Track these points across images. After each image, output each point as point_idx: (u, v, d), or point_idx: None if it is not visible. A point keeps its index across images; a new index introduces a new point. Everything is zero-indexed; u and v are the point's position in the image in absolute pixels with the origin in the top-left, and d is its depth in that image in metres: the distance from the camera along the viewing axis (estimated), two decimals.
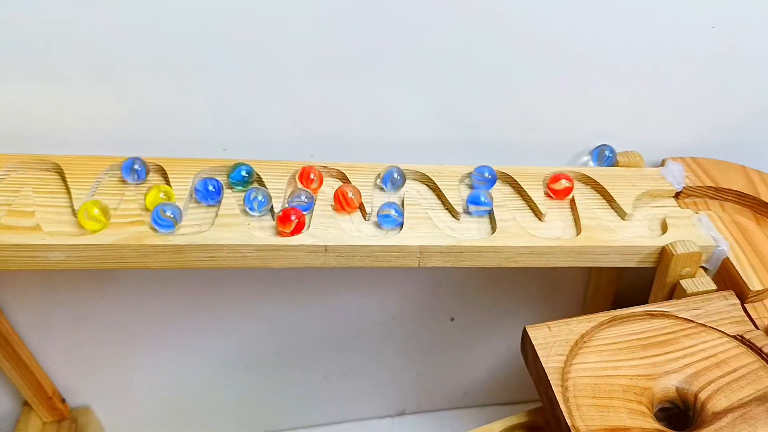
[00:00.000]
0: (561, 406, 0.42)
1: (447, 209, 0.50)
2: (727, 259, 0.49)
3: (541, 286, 0.67)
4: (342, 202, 0.48)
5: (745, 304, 0.47)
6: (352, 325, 0.67)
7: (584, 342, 0.46)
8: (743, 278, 0.47)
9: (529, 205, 0.51)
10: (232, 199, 0.47)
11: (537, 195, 0.51)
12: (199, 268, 0.44)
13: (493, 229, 0.48)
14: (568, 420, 0.41)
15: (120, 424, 0.71)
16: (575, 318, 0.46)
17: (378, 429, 0.75)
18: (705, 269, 0.50)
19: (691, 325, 0.46)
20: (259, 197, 0.46)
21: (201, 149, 0.51)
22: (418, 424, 0.76)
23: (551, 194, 0.52)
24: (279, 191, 0.48)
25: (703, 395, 0.43)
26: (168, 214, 0.44)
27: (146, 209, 0.46)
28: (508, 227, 0.48)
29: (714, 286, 0.48)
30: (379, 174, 0.50)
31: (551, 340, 0.45)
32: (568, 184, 0.51)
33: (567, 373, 0.44)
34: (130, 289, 0.61)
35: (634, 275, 0.58)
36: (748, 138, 0.57)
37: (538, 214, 0.50)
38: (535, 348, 0.45)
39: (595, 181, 0.53)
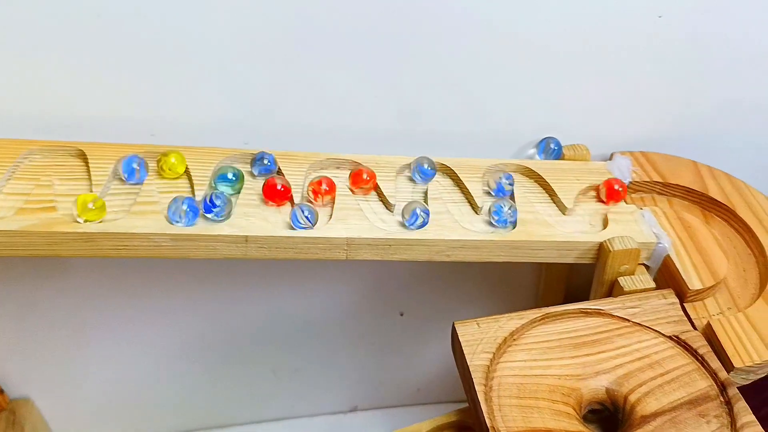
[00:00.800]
0: (482, 406, 0.40)
1: (381, 201, 0.48)
2: (669, 256, 0.47)
3: (492, 281, 0.65)
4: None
5: (684, 304, 0.46)
6: (299, 320, 0.65)
7: (514, 340, 0.44)
8: (683, 277, 0.46)
9: (466, 198, 0.49)
10: (152, 185, 0.45)
11: (475, 188, 0.50)
12: (113, 257, 0.43)
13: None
14: (487, 420, 0.39)
15: (63, 417, 0.69)
16: (506, 315, 0.45)
17: (330, 425, 0.74)
18: (647, 267, 0.49)
19: (626, 324, 0.45)
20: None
21: (128, 134, 0.49)
22: (371, 421, 0.75)
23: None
24: (204, 179, 0.46)
25: (633, 397, 0.41)
26: (184, 207, 0.43)
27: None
28: (441, 220, 0.47)
29: (652, 284, 0.46)
30: (312, 164, 0.49)
31: (479, 337, 0.44)
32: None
33: (493, 372, 0.42)
34: (77, 278, 0.59)
35: (586, 271, 0.56)
36: (700, 132, 0.55)
37: (475, 208, 0.48)
38: (462, 345, 0.43)
39: (538, 175, 0.51)
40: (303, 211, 0.44)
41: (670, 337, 0.44)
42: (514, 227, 0.47)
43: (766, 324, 0.44)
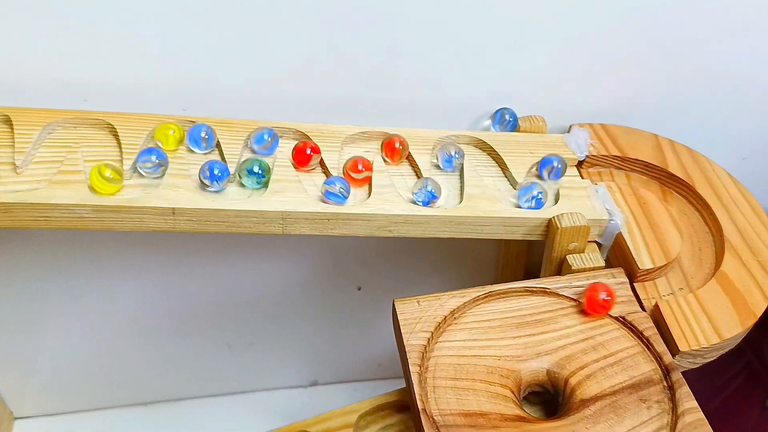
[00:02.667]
0: (414, 388, 0.39)
1: (324, 173, 0.46)
2: (621, 234, 0.45)
3: (452, 256, 0.63)
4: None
5: (634, 283, 0.44)
6: (254, 294, 0.63)
7: (454, 319, 0.42)
8: (633, 255, 0.44)
9: (414, 171, 0.47)
10: (77, 153, 0.43)
11: (424, 160, 0.47)
12: (33, 227, 0.40)
13: (369, 194, 0.45)
14: (419, 403, 0.38)
15: (16, 391, 0.68)
16: (448, 293, 0.43)
17: (290, 399, 0.73)
18: (599, 245, 0.47)
19: (572, 303, 0.43)
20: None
21: (59, 99, 0.46)
22: (332, 395, 0.73)
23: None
24: (134, 147, 0.44)
25: (573, 380, 0.40)
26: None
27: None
28: (385, 194, 0.45)
29: (602, 263, 0.44)
30: (249, 135, 0.46)
31: (418, 315, 0.42)
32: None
33: (430, 352, 0.41)
34: (30, 251, 0.57)
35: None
36: (662, 104, 0.53)
37: None
38: (399, 324, 0.41)
39: (491, 147, 0.49)
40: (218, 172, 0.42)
41: (616, 318, 0.42)
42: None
43: (716, 306, 0.42)
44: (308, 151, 0.45)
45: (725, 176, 0.49)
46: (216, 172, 0.42)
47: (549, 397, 0.42)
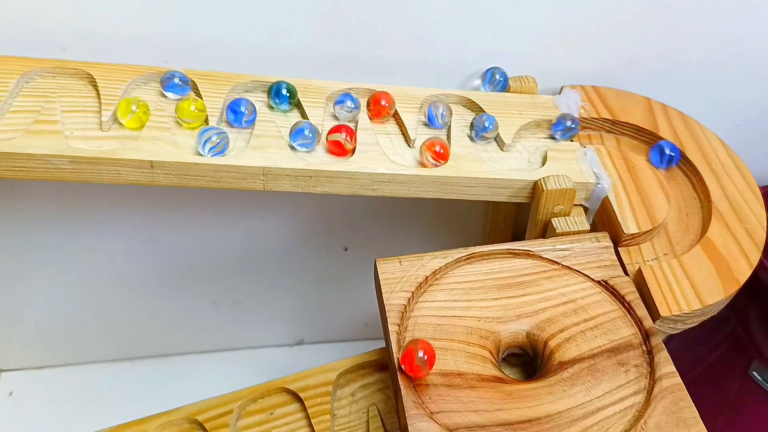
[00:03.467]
0: (393, 347, 0.38)
1: None
2: (607, 198, 0.45)
3: (440, 217, 0.63)
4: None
5: (619, 248, 0.44)
6: (239, 251, 0.63)
7: (436, 279, 0.42)
8: (619, 219, 0.43)
9: (400, 130, 0.46)
10: (54, 104, 0.42)
11: (411, 119, 0.47)
12: (10, 177, 0.40)
13: (352, 152, 0.44)
14: (397, 362, 0.38)
15: (2, 348, 0.67)
16: (431, 253, 0.43)
17: (276, 357, 0.73)
18: (586, 209, 0.46)
19: (555, 267, 0.43)
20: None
21: (37, 48, 0.45)
22: (318, 354, 0.74)
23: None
24: (113, 98, 0.43)
25: (552, 343, 0.39)
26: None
27: None
28: (369, 152, 0.44)
29: (587, 227, 0.44)
30: (234, 86, 0.45)
31: (400, 275, 0.42)
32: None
33: (410, 311, 0.40)
34: (20, 202, 0.57)
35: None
36: (656, 67, 0.52)
37: (408, 141, 0.46)
38: (380, 283, 0.41)
39: (480, 107, 0.48)
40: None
41: (599, 282, 0.42)
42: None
43: (700, 272, 0.42)
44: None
45: (717, 142, 0.48)
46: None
47: (528, 359, 0.42)
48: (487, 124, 0.45)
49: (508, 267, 0.43)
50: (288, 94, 0.45)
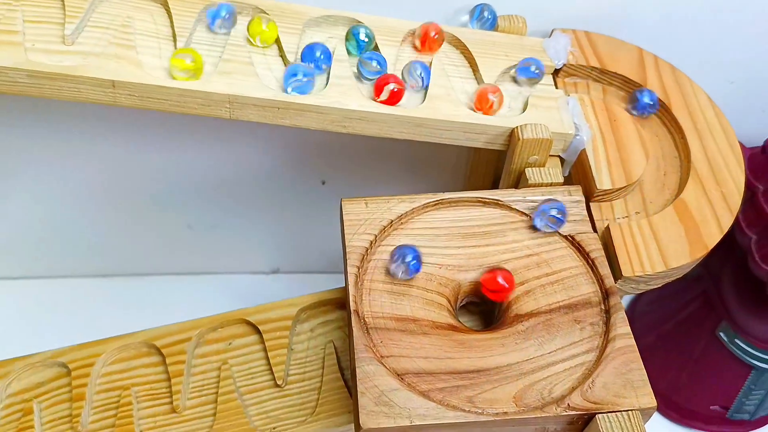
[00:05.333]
0: (350, 289, 0.38)
1: (280, 56, 0.43)
2: (585, 150, 0.43)
3: (419, 159, 0.61)
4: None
5: (591, 203, 0.43)
6: (215, 177, 0.62)
7: (401, 223, 0.41)
8: (593, 174, 0.42)
9: None
10: (16, 12, 0.40)
11: (390, 52, 0.45)
12: None
13: (326, 85, 0.42)
14: (352, 304, 0.37)
15: None
16: (398, 196, 0.42)
17: (251, 284, 0.73)
18: (563, 160, 0.45)
19: (523, 218, 0.42)
20: None
21: None
22: (294, 284, 0.73)
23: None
24: (79, 10, 0.41)
25: (511, 295, 0.39)
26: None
27: None
28: (343, 87, 0.42)
29: (561, 179, 0.43)
30: (205, 8, 0.43)
31: (364, 217, 0.41)
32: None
33: (371, 255, 0.40)
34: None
35: None
36: (653, 16, 0.50)
37: None
38: (344, 224, 0.40)
39: (465, 46, 0.46)
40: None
41: (566, 237, 0.41)
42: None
43: (669, 234, 0.41)
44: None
45: (705, 101, 0.47)
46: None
47: (489, 307, 0.42)
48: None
49: (476, 216, 0.42)
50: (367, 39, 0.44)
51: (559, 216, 0.40)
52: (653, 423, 0.67)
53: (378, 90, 0.42)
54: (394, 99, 0.42)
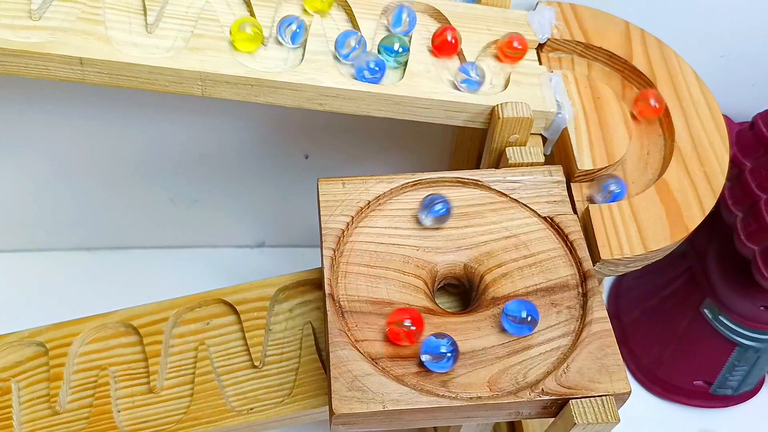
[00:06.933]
0: (325, 272, 0.37)
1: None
2: (567, 129, 0.42)
3: (405, 133, 0.60)
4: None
5: (572, 183, 0.42)
6: (197, 150, 0.61)
7: (379, 204, 0.40)
8: (575, 153, 0.41)
9: None
10: None
11: (369, 27, 0.44)
12: None
13: (300, 60, 0.41)
14: (327, 287, 0.37)
15: None
16: (376, 176, 0.41)
17: (236, 258, 0.73)
18: (545, 138, 0.44)
19: (503, 199, 0.41)
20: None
21: None
22: (278, 258, 0.73)
23: None
24: None
25: (489, 277, 0.39)
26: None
27: None
28: (318, 62, 0.41)
29: (542, 159, 0.42)
30: None
31: (341, 198, 0.40)
32: None
33: (348, 236, 0.39)
34: None
35: None
36: None
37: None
38: (320, 204, 0.40)
39: (446, 19, 0.45)
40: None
41: (545, 219, 0.40)
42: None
43: (650, 216, 0.40)
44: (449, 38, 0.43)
45: (692, 76, 0.46)
46: None
47: (467, 289, 0.42)
48: None
49: (455, 196, 0.41)
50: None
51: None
52: (636, 398, 0.67)
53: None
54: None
